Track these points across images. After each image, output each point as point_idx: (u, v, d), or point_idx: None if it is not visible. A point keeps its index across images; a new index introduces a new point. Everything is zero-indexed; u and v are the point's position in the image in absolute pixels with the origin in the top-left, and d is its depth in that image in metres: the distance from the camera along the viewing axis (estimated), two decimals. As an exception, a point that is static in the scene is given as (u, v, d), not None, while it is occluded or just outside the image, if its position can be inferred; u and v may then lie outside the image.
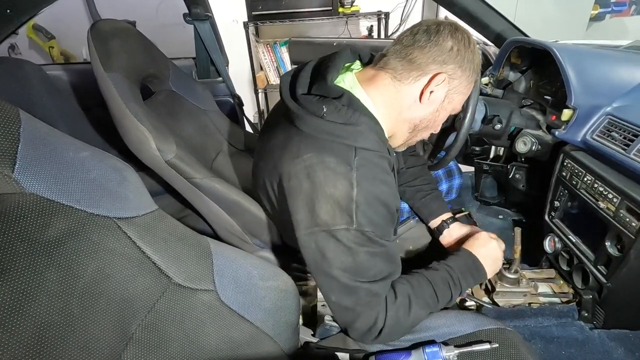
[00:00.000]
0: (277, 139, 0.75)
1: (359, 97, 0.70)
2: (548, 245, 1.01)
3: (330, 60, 0.74)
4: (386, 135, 0.74)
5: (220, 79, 1.60)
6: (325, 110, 0.65)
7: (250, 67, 2.70)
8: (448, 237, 0.99)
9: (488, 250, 0.83)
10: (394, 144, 0.81)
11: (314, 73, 0.73)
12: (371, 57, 0.80)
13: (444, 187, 1.21)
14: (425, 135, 0.81)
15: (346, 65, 0.78)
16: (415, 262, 1.05)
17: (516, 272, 0.91)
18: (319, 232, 0.65)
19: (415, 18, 2.74)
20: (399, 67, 0.71)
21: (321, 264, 0.66)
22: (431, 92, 0.71)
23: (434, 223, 1.02)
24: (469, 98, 0.88)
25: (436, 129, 0.81)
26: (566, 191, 0.94)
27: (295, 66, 0.79)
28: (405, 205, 1.14)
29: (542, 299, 0.96)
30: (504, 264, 0.95)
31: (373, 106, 0.72)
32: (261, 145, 0.84)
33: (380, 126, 0.72)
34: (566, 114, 0.93)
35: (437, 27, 0.70)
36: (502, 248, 0.87)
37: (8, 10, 0.85)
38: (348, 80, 0.73)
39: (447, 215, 1.01)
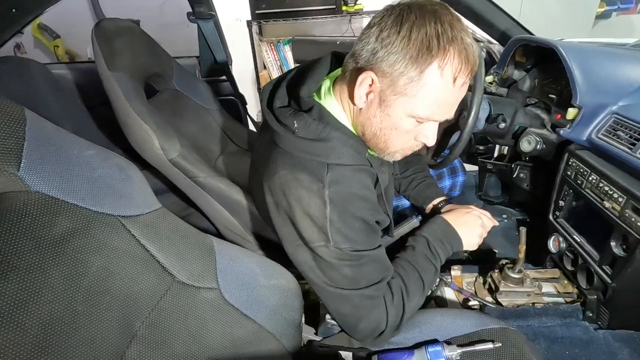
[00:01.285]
0: (262, 151, 0.74)
1: (330, 109, 0.67)
2: (552, 245, 1.00)
3: (309, 68, 0.70)
4: (367, 145, 0.69)
5: (224, 77, 1.60)
6: (296, 126, 0.63)
7: (254, 66, 2.70)
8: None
9: (465, 219, 0.83)
10: (379, 153, 0.71)
11: (294, 82, 0.70)
12: None
13: (447, 183, 1.21)
14: (406, 146, 0.68)
15: (330, 74, 0.73)
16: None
17: (520, 271, 0.91)
18: (302, 247, 0.65)
19: (419, 16, 2.73)
20: (347, 65, 0.64)
21: (311, 276, 0.67)
22: (367, 93, 0.61)
23: (429, 209, 1.02)
24: (472, 96, 0.87)
25: (413, 140, 0.67)
26: (571, 190, 0.94)
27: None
28: (406, 203, 1.14)
29: (546, 299, 0.95)
30: (507, 263, 0.94)
31: (345, 117, 0.68)
32: (254, 152, 0.84)
33: (357, 137, 0.68)
34: (571, 112, 0.92)
35: (381, 17, 0.58)
36: (487, 224, 0.86)
37: (13, 10, 0.85)
38: (324, 88, 0.70)
39: (441, 199, 1.01)
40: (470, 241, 0.83)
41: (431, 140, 0.66)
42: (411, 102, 0.59)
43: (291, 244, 0.67)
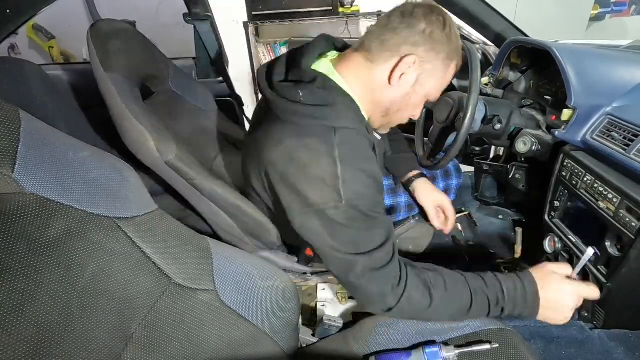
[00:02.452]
0: (259, 131, 0.76)
1: (333, 79, 0.71)
2: (548, 245, 1.01)
3: (304, 48, 0.75)
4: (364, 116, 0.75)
5: (220, 79, 1.60)
6: (301, 94, 0.66)
7: (251, 67, 2.70)
8: (415, 191, 1.07)
9: (560, 296, 0.68)
10: (373, 126, 0.81)
11: (289, 61, 0.74)
12: (345, 45, 0.82)
13: (440, 186, 1.22)
14: (400, 119, 0.80)
15: (322, 53, 0.78)
16: (415, 262, 1.05)
17: (516, 272, 0.91)
18: (311, 212, 0.66)
19: (415, 18, 2.74)
20: (372, 47, 0.71)
21: (320, 242, 0.67)
22: (402, 74, 0.70)
23: (404, 180, 1.10)
24: (468, 98, 0.88)
25: (412, 113, 0.80)
26: (566, 191, 0.94)
27: None
28: (401, 201, 1.14)
29: (542, 299, 0.95)
30: (503, 263, 0.94)
31: (348, 88, 0.72)
32: (247, 142, 0.86)
33: (357, 105, 0.72)
34: (566, 114, 0.93)
35: (412, 9, 0.69)
36: (581, 295, 0.69)
37: (8, 10, 0.85)
38: (323, 65, 0.74)
39: (415, 173, 1.09)
40: (553, 318, 0.70)
41: (418, 115, 0.82)
42: (435, 84, 0.75)
43: (298, 213, 0.68)
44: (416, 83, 0.72)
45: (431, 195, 1.06)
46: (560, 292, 0.68)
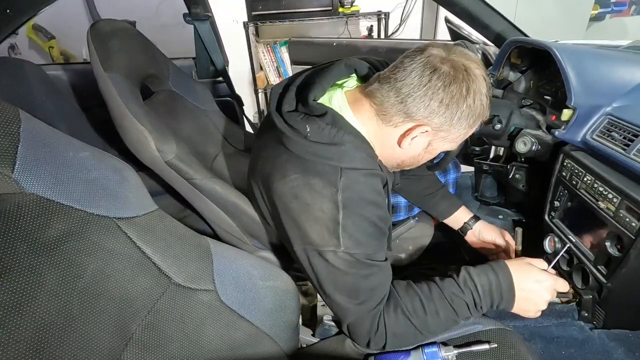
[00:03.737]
0: (267, 152, 0.74)
1: (344, 115, 0.67)
2: (548, 245, 1.01)
3: (318, 76, 0.70)
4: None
5: (220, 79, 1.60)
6: (308, 130, 0.64)
7: (250, 67, 2.70)
8: (473, 237, 1.01)
9: (535, 286, 0.69)
10: (391, 168, 0.79)
11: (302, 87, 0.71)
12: (368, 72, 0.75)
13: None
14: (414, 166, 0.77)
15: (338, 82, 0.74)
16: (415, 262, 1.05)
17: (516, 272, 0.91)
18: (310, 250, 0.65)
19: (415, 18, 2.74)
20: (385, 103, 0.66)
21: (315, 279, 0.67)
22: (413, 137, 0.67)
23: (454, 223, 1.04)
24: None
25: (426, 162, 0.78)
26: (566, 191, 0.94)
27: (288, 77, 0.77)
28: (401, 201, 1.14)
29: (542, 299, 0.96)
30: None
31: (360, 125, 0.69)
32: (255, 152, 0.83)
33: (369, 143, 0.69)
34: (566, 114, 0.93)
35: (433, 69, 0.62)
36: (556, 288, 0.72)
37: (8, 10, 0.85)
38: (336, 98, 0.70)
39: (465, 214, 1.03)
40: (527, 310, 0.71)
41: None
42: (451, 145, 0.72)
43: (299, 247, 0.67)
44: (428, 146, 0.70)
45: (494, 233, 1.00)
46: (536, 284, 0.70)
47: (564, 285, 0.72)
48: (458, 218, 1.03)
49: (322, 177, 0.63)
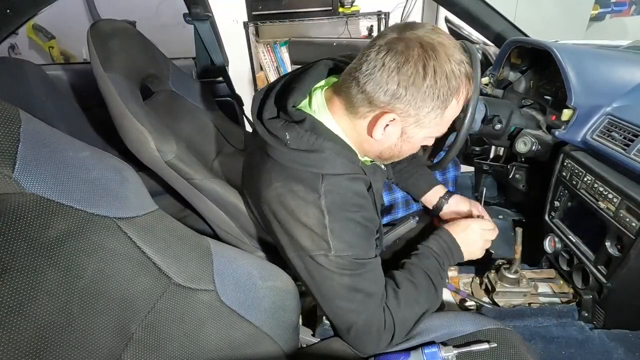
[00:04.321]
0: (255, 159, 0.74)
1: (323, 121, 0.67)
2: (548, 245, 1.01)
3: (298, 80, 0.70)
4: (359, 156, 0.71)
5: (220, 79, 1.60)
6: (288, 137, 0.64)
7: (250, 67, 2.70)
8: (449, 212, 1.01)
9: (465, 235, 0.83)
10: (380, 162, 0.79)
11: (282, 93, 0.70)
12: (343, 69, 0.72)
13: (439, 179, 1.21)
14: (398, 158, 0.74)
15: (320, 84, 0.72)
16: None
17: (516, 272, 0.91)
18: (304, 256, 0.66)
19: (415, 18, 2.74)
20: (350, 96, 0.64)
21: (314, 287, 0.68)
22: (385, 127, 0.63)
23: (429, 201, 1.04)
24: (469, 98, 0.88)
25: (410, 153, 0.73)
26: (566, 191, 0.94)
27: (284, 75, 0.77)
28: (398, 196, 1.15)
29: (542, 299, 0.96)
30: (503, 264, 0.95)
31: (339, 129, 0.68)
32: (245, 161, 0.84)
33: (349, 147, 0.68)
34: (566, 114, 0.93)
35: (386, 50, 0.58)
36: (488, 236, 0.86)
37: (8, 10, 0.85)
38: (316, 101, 0.69)
39: (441, 190, 1.03)
40: (473, 253, 0.84)
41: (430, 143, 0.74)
42: (430, 131, 0.66)
43: (290, 253, 0.68)
44: (402, 135, 0.66)
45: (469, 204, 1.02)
46: (467, 229, 0.84)
47: (488, 224, 0.87)
48: (435, 194, 1.04)
49: (304, 184, 0.64)
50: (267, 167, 0.68)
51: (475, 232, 0.84)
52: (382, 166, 0.84)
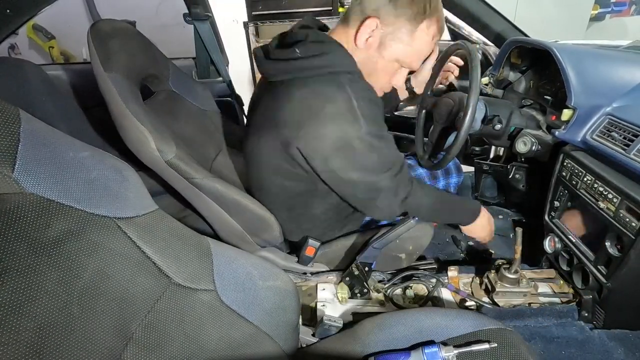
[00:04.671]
0: (265, 108, 0.80)
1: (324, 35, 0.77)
2: (548, 245, 1.01)
3: (291, 30, 0.81)
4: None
5: (220, 79, 1.60)
6: (298, 51, 0.71)
7: (250, 67, 2.70)
8: (419, 82, 1.14)
9: (489, 223, 1.03)
10: None
11: (281, 36, 0.81)
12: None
13: (441, 184, 1.22)
14: (378, 85, 0.82)
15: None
16: (415, 262, 1.05)
17: (516, 272, 0.91)
18: (336, 150, 0.72)
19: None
20: (349, 13, 0.76)
21: (343, 176, 0.76)
22: (368, 37, 0.74)
23: (401, 92, 1.17)
24: (468, 98, 0.88)
25: (386, 80, 0.83)
26: (566, 191, 0.94)
27: None
28: (422, 172, 1.17)
29: (542, 299, 0.96)
30: (503, 264, 0.95)
31: (338, 42, 0.76)
32: (249, 126, 0.90)
33: (351, 56, 0.75)
34: (566, 114, 0.93)
35: None
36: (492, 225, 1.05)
37: (8, 10, 0.85)
38: (312, 32, 0.78)
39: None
40: (476, 233, 1.02)
41: (400, 83, 0.85)
42: (403, 49, 0.76)
43: (321, 158, 0.74)
44: (380, 46, 0.75)
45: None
46: (485, 218, 1.01)
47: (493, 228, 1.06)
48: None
49: (324, 82, 0.71)
50: (282, 93, 0.74)
51: (488, 226, 1.02)
52: None
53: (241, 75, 2.74)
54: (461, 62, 1.10)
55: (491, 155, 1.42)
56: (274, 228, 0.94)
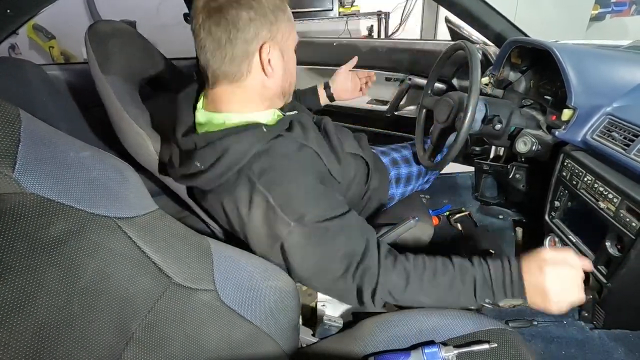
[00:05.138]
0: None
1: (215, 124, 0.70)
2: (548, 245, 1.01)
3: (177, 110, 0.76)
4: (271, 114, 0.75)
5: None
6: (199, 165, 0.66)
7: (251, 67, 2.70)
8: (339, 86, 1.11)
9: (562, 277, 0.59)
10: (288, 97, 0.80)
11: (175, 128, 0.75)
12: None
13: (403, 171, 1.18)
14: (292, 79, 0.78)
15: (199, 105, 0.75)
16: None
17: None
18: (273, 245, 0.66)
19: (415, 18, 2.75)
20: (227, 72, 0.68)
21: (298, 266, 0.67)
22: (268, 62, 0.68)
23: (323, 96, 1.13)
24: (469, 98, 0.88)
25: (294, 71, 0.78)
26: (566, 191, 0.94)
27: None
28: (395, 193, 1.15)
29: (542, 299, 0.96)
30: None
31: (235, 116, 0.70)
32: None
33: (255, 123, 0.69)
34: (566, 114, 0.93)
35: (206, 19, 0.65)
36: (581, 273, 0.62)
37: (8, 10, 0.85)
38: (200, 114, 0.73)
39: (321, 86, 1.13)
40: (538, 304, 0.61)
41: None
42: (290, 35, 0.72)
43: (264, 249, 0.69)
44: (283, 56, 0.71)
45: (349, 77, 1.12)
46: (554, 277, 0.59)
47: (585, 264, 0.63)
48: (321, 90, 1.13)
49: (238, 185, 0.65)
50: (214, 199, 0.71)
51: (554, 284, 0.59)
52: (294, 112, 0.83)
53: (241, 75, 2.74)
54: (373, 78, 1.16)
55: (491, 155, 1.42)
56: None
